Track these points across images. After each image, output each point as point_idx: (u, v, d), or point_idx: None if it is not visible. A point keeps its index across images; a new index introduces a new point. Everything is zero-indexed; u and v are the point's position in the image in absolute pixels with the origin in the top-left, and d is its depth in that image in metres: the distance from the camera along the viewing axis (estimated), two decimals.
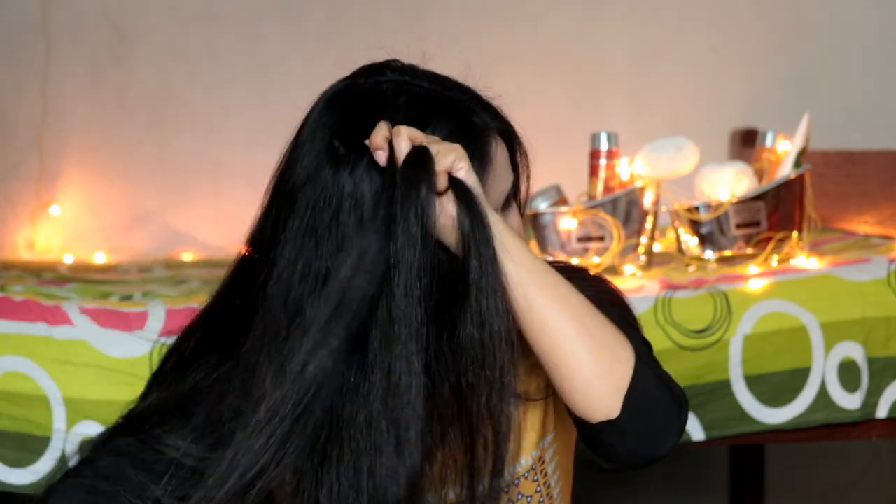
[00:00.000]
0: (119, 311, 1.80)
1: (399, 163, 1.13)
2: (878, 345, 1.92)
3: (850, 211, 2.70)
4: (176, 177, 2.88)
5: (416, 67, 1.24)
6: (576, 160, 2.41)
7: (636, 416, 1.15)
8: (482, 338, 1.13)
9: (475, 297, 1.13)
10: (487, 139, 1.21)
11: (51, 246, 2.83)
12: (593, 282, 1.33)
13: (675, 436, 1.19)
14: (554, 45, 2.95)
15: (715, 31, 2.99)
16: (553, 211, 2.10)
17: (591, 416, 1.15)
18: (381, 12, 2.91)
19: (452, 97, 1.22)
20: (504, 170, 1.23)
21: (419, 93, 1.20)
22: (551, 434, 1.34)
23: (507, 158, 1.24)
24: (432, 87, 1.22)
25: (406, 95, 1.20)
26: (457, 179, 1.14)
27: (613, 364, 1.15)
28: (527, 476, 1.32)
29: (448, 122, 1.19)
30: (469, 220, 1.13)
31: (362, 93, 1.21)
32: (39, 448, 1.76)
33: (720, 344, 1.88)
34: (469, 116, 1.21)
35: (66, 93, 2.85)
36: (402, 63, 1.24)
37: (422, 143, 1.14)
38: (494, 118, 1.24)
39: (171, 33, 2.88)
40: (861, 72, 3.01)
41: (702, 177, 2.16)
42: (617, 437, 1.16)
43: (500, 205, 1.23)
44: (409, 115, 1.18)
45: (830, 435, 1.95)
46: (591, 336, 1.15)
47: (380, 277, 1.12)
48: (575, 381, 1.15)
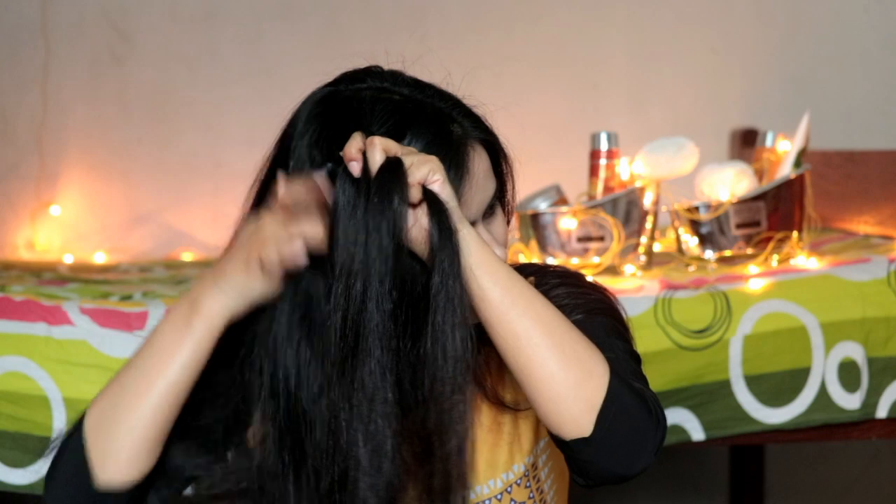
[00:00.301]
0: (119, 311, 1.80)
1: (372, 174, 1.12)
2: (878, 345, 1.92)
3: (850, 211, 2.70)
4: (176, 177, 2.88)
5: (399, 74, 1.23)
6: (576, 160, 2.41)
7: (610, 433, 1.13)
8: (436, 353, 1.12)
9: (434, 312, 1.12)
10: (465, 149, 1.20)
11: (51, 246, 2.83)
12: (587, 289, 1.31)
13: (651, 453, 1.16)
14: (554, 45, 2.95)
15: (715, 31, 2.99)
16: (553, 211, 2.10)
17: (565, 433, 1.13)
18: (380, 12, 2.91)
19: (432, 105, 1.21)
20: (485, 179, 1.22)
21: (397, 101, 1.19)
22: (544, 440, 1.33)
23: (488, 167, 1.23)
24: (412, 94, 1.21)
25: (384, 104, 1.19)
26: (430, 192, 1.13)
27: (586, 380, 1.13)
28: (519, 483, 1.31)
29: (426, 130, 1.18)
30: (438, 234, 1.12)
31: (342, 100, 1.20)
32: (39, 448, 1.76)
33: (720, 344, 1.88)
34: (448, 125, 1.20)
35: (66, 93, 2.85)
36: (383, 69, 1.24)
37: (396, 155, 1.13)
38: (476, 126, 1.23)
39: (171, 33, 2.88)
40: (861, 72, 3.01)
41: (702, 177, 2.16)
42: (591, 454, 1.14)
43: (480, 214, 1.22)
44: (387, 124, 1.17)
45: (830, 435, 1.95)
46: (563, 352, 1.13)
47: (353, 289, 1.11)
48: (547, 398, 1.13)
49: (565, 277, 1.31)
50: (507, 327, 1.14)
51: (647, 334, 1.85)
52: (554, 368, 1.13)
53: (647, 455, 1.16)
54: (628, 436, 1.14)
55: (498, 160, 1.25)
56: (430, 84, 1.23)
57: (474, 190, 1.20)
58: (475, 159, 1.21)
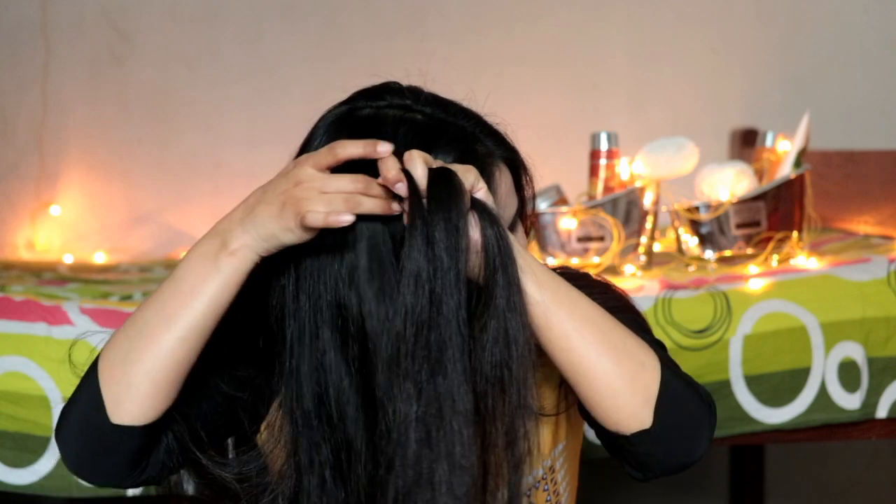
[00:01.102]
0: (119, 311, 1.80)
1: (422, 186, 1.10)
2: (878, 345, 1.92)
3: (850, 211, 2.70)
4: (176, 177, 2.89)
5: (419, 91, 1.21)
6: (576, 160, 2.41)
7: (669, 422, 1.13)
8: (504, 359, 1.11)
9: (502, 317, 1.11)
10: (491, 168, 1.19)
11: (51, 246, 2.84)
12: (599, 287, 1.31)
13: (708, 437, 1.17)
14: (554, 45, 2.95)
15: (715, 31, 2.99)
16: (553, 211, 2.10)
17: (625, 428, 1.13)
18: (380, 12, 2.91)
19: (455, 124, 1.19)
20: (508, 196, 1.22)
21: (420, 121, 1.18)
22: (562, 443, 1.33)
23: (511, 185, 1.22)
24: (435, 113, 1.19)
25: (408, 124, 1.17)
26: (478, 200, 1.12)
27: (640, 373, 1.13)
28: (537, 486, 1.32)
29: (452, 150, 1.17)
30: (495, 240, 1.11)
31: (361, 120, 1.18)
32: (39, 448, 1.76)
33: (720, 344, 1.88)
34: (473, 144, 1.19)
35: (66, 93, 2.85)
36: (400, 85, 1.22)
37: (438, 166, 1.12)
38: (499, 145, 1.22)
39: (171, 33, 2.88)
40: (861, 72, 3.01)
41: (702, 177, 2.16)
42: (652, 446, 1.14)
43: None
44: (412, 145, 1.14)
45: (830, 435, 1.95)
46: (615, 347, 1.14)
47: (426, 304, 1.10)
48: (604, 395, 1.13)
49: (574, 278, 1.31)
50: (557, 329, 1.14)
51: None
52: (608, 365, 1.13)
53: (704, 441, 1.16)
54: (685, 423, 1.15)
55: (519, 177, 1.24)
56: (452, 101, 1.22)
57: (501, 206, 1.19)
58: (500, 178, 1.20)
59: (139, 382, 1.14)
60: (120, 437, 1.15)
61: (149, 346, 1.13)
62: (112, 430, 1.14)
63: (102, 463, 1.17)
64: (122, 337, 1.15)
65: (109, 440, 1.15)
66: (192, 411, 1.20)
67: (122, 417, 1.14)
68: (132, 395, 1.14)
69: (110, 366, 1.15)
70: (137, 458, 1.17)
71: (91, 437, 1.16)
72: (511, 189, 1.23)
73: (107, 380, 1.15)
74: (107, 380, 1.15)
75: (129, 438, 1.15)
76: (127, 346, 1.14)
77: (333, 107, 1.21)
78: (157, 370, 1.13)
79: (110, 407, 1.14)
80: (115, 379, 1.14)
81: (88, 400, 1.15)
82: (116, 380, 1.14)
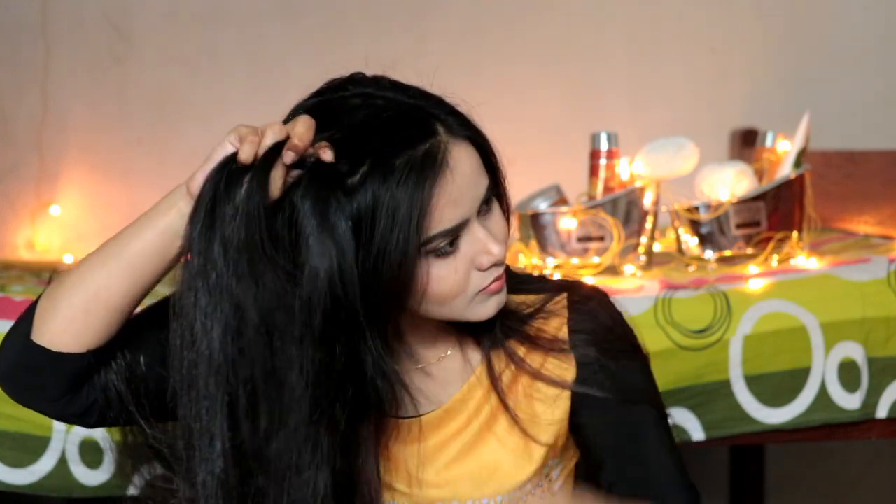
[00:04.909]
0: None
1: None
2: (878, 345, 1.92)
3: (850, 211, 2.70)
4: (176, 177, 2.87)
5: (381, 78, 1.25)
6: (576, 160, 2.41)
7: None
8: None
9: None
10: (451, 145, 1.20)
11: (51, 246, 2.83)
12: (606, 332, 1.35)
13: None
14: (554, 44, 2.95)
15: (715, 31, 2.99)
16: (553, 211, 2.10)
17: None
18: (380, 12, 2.91)
19: (415, 104, 1.22)
20: (474, 174, 1.23)
21: (381, 105, 1.21)
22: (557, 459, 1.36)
23: (477, 163, 1.23)
24: (396, 97, 1.22)
25: (369, 108, 1.21)
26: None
27: None
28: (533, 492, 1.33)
29: (411, 128, 1.20)
30: None
31: (327, 108, 1.23)
32: (39, 448, 1.76)
33: (720, 344, 1.88)
34: (433, 124, 1.21)
35: (66, 93, 2.85)
36: (365, 75, 1.26)
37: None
38: (461, 124, 1.23)
39: (171, 33, 2.88)
40: (861, 72, 3.01)
41: (702, 177, 2.16)
42: None
43: (474, 211, 1.23)
44: (372, 127, 1.19)
45: (830, 435, 1.95)
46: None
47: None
48: None
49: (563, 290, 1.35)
50: None
51: (647, 334, 1.84)
52: None
53: None
54: None
55: (487, 156, 1.26)
56: (411, 86, 1.25)
57: (465, 187, 1.21)
58: (462, 156, 1.21)
59: (62, 306, 1.18)
60: (39, 359, 1.19)
61: (83, 275, 1.19)
62: (32, 349, 1.19)
63: (22, 378, 1.21)
64: (73, 265, 1.22)
65: (31, 360, 1.19)
66: (132, 360, 1.24)
67: (42, 338, 1.19)
68: (55, 318, 1.18)
69: (51, 288, 1.21)
70: (60, 387, 1.21)
71: (17, 352, 1.20)
72: (478, 168, 1.24)
73: (42, 300, 1.20)
74: (42, 300, 1.20)
75: (50, 362, 1.19)
76: (68, 273, 1.21)
77: (304, 99, 1.27)
78: (79, 294, 1.18)
79: (36, 325, 1.19)
80: (47, 297, 1.20)
81: (26, 315, 1.21)
82: (47, 297, 1.20)
